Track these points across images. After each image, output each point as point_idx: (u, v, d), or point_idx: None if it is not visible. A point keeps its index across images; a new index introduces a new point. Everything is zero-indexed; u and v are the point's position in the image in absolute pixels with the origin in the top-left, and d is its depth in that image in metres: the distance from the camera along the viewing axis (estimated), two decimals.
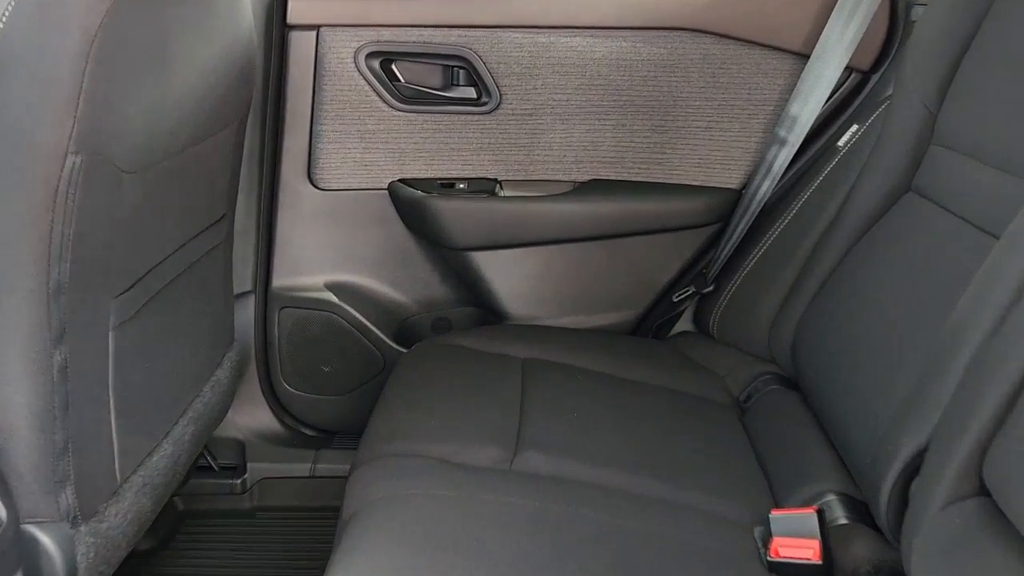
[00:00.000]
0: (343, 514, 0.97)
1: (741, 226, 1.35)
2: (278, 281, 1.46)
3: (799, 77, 1.32)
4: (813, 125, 1.28)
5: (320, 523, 1.45)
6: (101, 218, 0.85)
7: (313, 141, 1.40)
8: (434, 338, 1.34)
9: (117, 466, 0.97)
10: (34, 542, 0.88)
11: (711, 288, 1.39)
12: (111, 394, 0.94)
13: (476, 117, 1.39)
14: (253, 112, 1.34)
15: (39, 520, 0.88)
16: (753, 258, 1.32)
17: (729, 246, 1.36)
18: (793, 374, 1.26)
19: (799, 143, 1.28)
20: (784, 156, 1.29)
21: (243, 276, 1.44)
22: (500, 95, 1.37)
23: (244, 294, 1.45)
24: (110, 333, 0.92)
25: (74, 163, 0.78)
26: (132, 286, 0.96)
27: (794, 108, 1.28)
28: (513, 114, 1.38)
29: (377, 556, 0.84)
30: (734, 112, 1.38)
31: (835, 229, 1.21)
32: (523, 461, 1.03)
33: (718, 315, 1.37)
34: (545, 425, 1.11)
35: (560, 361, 1.30)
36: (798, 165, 1.33)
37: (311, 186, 1.42)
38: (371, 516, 0.91)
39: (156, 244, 1.01)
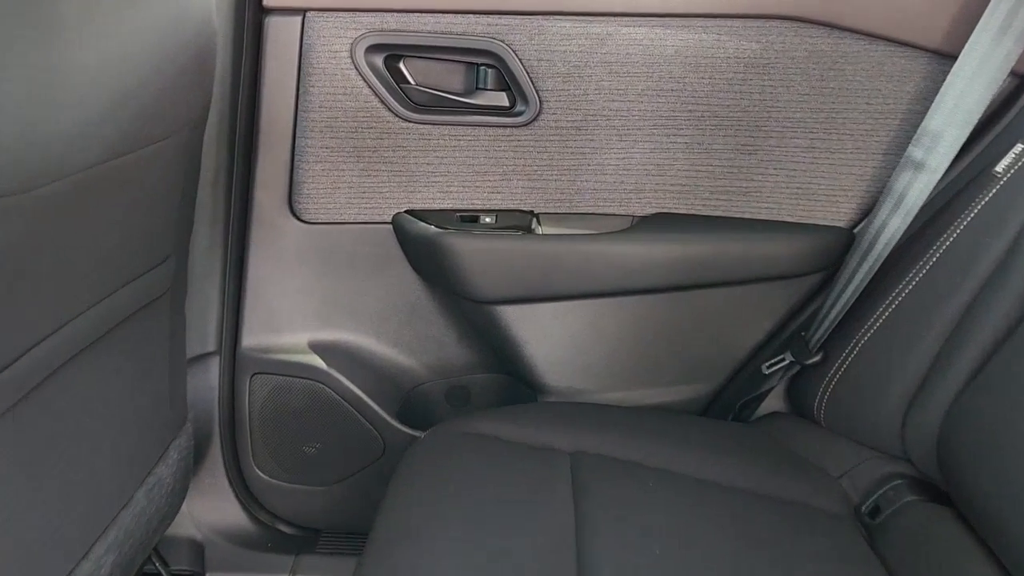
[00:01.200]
0: None
1: (859, 276, 1.01)
2: (250, 340, 1.14)
3: (941, 82, 0.99)
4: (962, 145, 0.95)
5: None
6: None
7: (296, 160, 1.08)
8: (452, 421, 1.01)
9: None
10: None
11: (817, 358, 1.05)
12: None
13: (508, 131, 1.07)
14: (217, 120, 1.03)
15: None
16: (879, 319, 0.99)
17: (841, 303, 1.03)
18: (940, 479, 0.92)
19: (943, 168, 0.95)
20: (921, 185, 0.96)
21: (204, 333, 1.12)
22: (540, 102, 1.05)
23: (205, 356, 1.13)
24: None
25: None
26: (8, 364, 0.63)
27: (935, 123, 0.95)
28: (556, 127, 1.06)
29: None
30: (848, 127, 1.05)
31: (999, 282, 0.88)
32: None
33: (827, 394, 1.03)
34: (613, 556, 0.78)
35: (619, 456, 0.96)
36: (939, 196, 0.99)
37: (293, 218, 1.10)
38: None
39: (50, 302, 0.68)
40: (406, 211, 1.10)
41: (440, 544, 0.79)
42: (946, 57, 1.00)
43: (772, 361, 1.10)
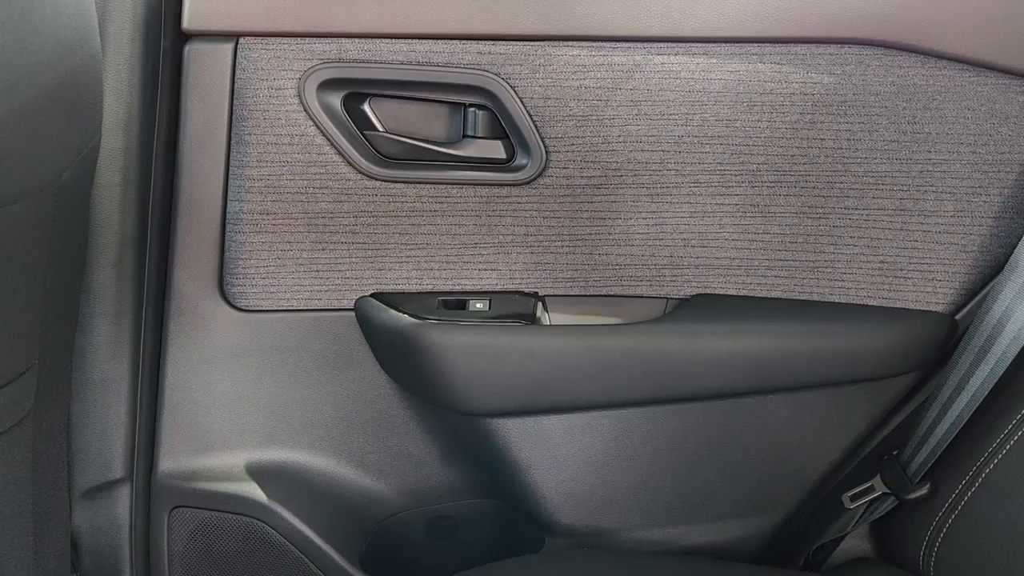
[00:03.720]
0: None
1: (975, 381, 0.76)
2: (168, 463, 0.88)
3: None
4: None
5: None
6: None
7: (228, 230, 0.83)
8: None
9: None
10: None
11: (923, 492, 0.79)
12: None
13: (505, 190, 0.83)
14: (121, 179, 0.79)
15: None
16: (1009, 439, 0.73)
17: (952, 416, 0.77)
18: None
19: None
20: None
21: (109, 455, 0.86)
22: (546, 153, 0.81)
23: (111, 484, 0.87)
24: None
25: None
26: None
27: None
28: (567, 185, 0.82)
29: None
30: (948, 182, 0.81)
31: None
32: None
33: (938, 540, 0.77)
34: None
35: None
36: None
37: (225, 304, 0.85)
38: None
39: None
40: (373, 295, 0.86)
41: None
42: None
43: (856, 491, 0.84)
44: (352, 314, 0.86)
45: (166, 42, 0.79)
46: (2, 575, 0.67)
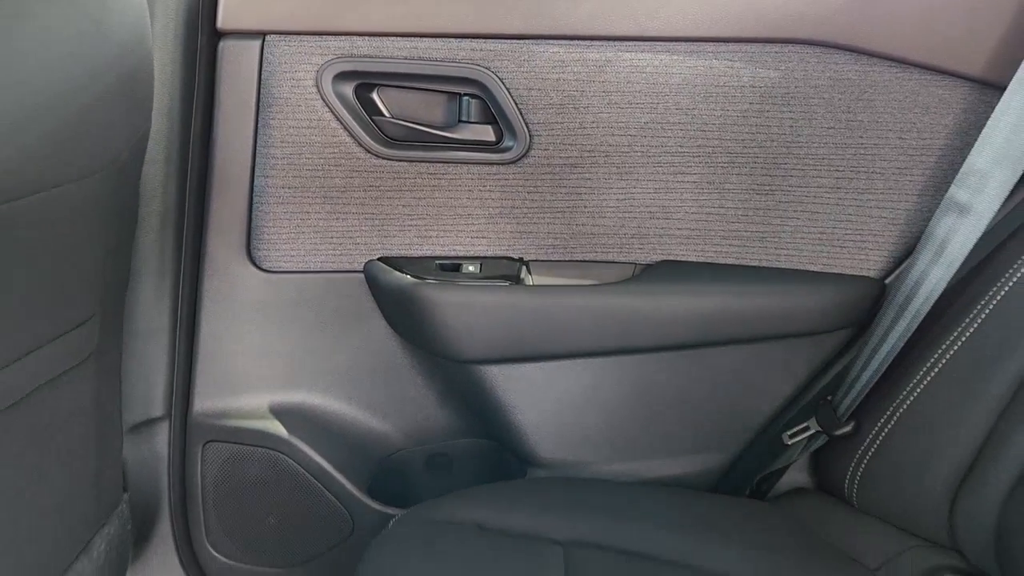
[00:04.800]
0: None
1: (894, 334, 0.88)
2: (203, 403, 1.01)
3: (984, 115, 0.87)
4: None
5: None
6: None
7: (255, 202, 0.95)
8: (426, 505, 0.88)
9: None
10: None
11: (847, 428, 0.92)
12: None
13: (494, 169, 0.95)
14: (164, 157, 0.91)
15: None
16: (919, 385, 0.86)
17: (874, 364, 0.90)
18: (998, 575, 0.79)
19: (991, 212, 0.82)
20: (967, 231, 0.84)
21: (150, 397, 0.99)
22: (530, 137, 0.93)
23: (152, 422, 0.99)
24: None
25: None
26: None
27: (982, 161, 0.83)
28: (548, 165, 0.94)
29: None
30: (879, 164, 0.93)
31: None
32: None
33: (861, 470, 0.90)
34: None
35: (621, 545, 0.82)
36: (985, 243, 0.87)
37: (251, 266, 0.98)
38: None
39: None
40: (379, 259, 0.98)
41: None
42: (991, 87, 0.88)
43: (795, 430, 0.97)
44: (361, 275, 0.99)
45: (203, 39, 0.91)
46: (71, 491, 0.80)
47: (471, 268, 0.98)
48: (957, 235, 0.84)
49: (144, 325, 0.96)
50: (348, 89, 0.92)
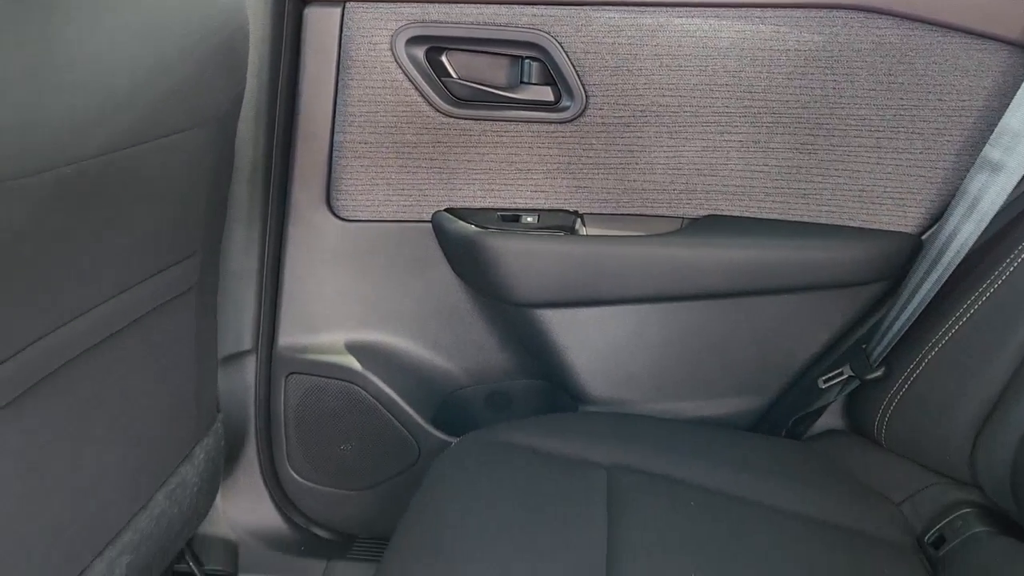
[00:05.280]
0: None
1: (926, 286, 0.94)
2: (286, 339, 1.11)
3: (1022, 78, 0.91)
4: None
5: None
6: None
7: (334, 156, 1.05)
8: (486, 430, 0.97)
9: None
10: None
11: (878, 373, 0.98)
12: None
13: (552, 127, 1.02)
14: (254, 114, 1.01)
15: None
16: (947, 333, 0.91)
17: (906, 314, 0.95)
18: (1013, 510, 0.85)
19: (1022, 170, 0.87)
20: (998, 188, 0.88)
21: (240, 332, 1.10)
22: (586, 97, 1.00)
23: (241, 355, 1.11)
24: None
25: None
26: (10, 356, 0.61)
27: (1015, 121, 0.87)
28: (603, 123, 1.01)
29: None
30: (918, 125, 0.98)
31: None
32: None
33: (889, 413, 0.96)
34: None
35: (661, 472, 0.91)
36: (1017, 201, 0.91)
37: (331, 215, 1.08)
38: None
39: (59, 292, 0.66)
40: (446, 209, 1.07)
41: (461, 563, 0.75)
42: None
43: (829, 375, 1.03)
44: (429, 225, 1.08)
45: (290, 6, 1.00)
46: (176, 405, 0.92)
47: (530, 219, 1.06)
48: (989, 192, 0.89)
49: (236, 267, 1.07)
50: (419, 52, 1.01)
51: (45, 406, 0.67)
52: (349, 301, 1.11)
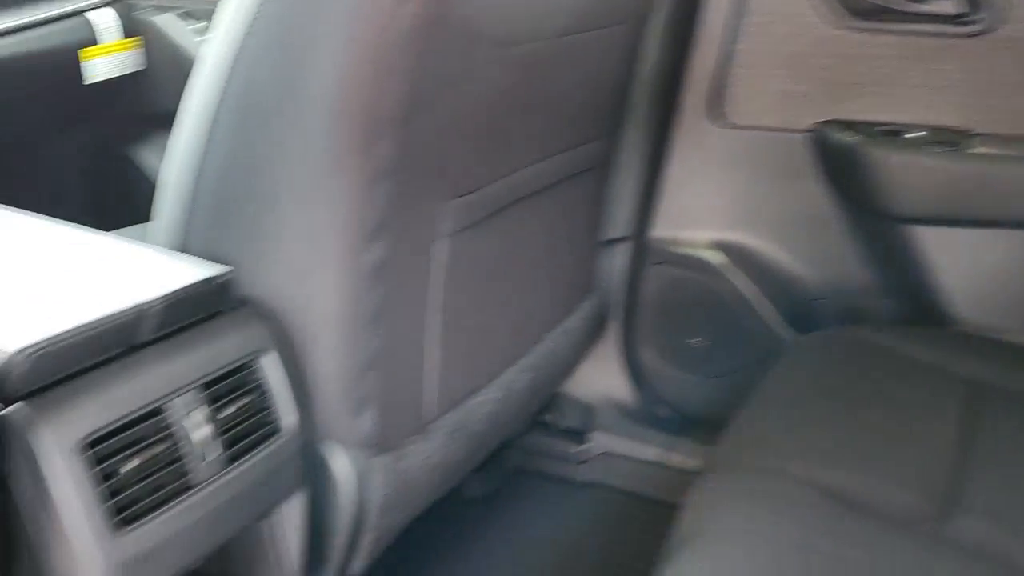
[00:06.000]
0: (677, 529, 0.72)
1: None
2: (657, 231, 1.23)
3: None
4: None
5: (658, 519, 1.22)
6: (444, 88, 0.69)
7: (724, 63, 1.13)
8: (843, 329, 1.02)
9: (429, 399, 0.83)
10: (324, 465, 0.76)
11: None
12: (431, 314, 0.79)
13: (952, 42, 1.01)
14: (660, 19, 1.11)
15: (333, 440, 0.76)
16: None
17: None
18: None
19: None
20: None
21: (617, 220, 1.23)
22: (1000, 10, 0.97)
23: (615, 241, 1.25)
24: (437, 241, 0.77)
25: (414, 13, 0.62)
26: (473, 191, 0.79)
27: None
28: (1013, 40, 0.98)
29: None
30: None
31: None
32: (959, 528, 0.69)
33: None
34: (999, 486, 0.74)
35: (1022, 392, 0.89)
36: None
37: (713, 120, 1.16)
38: (704, 550, 0.64)
39: (508, 148, 0.83)
40: (829, 121, 1.10)
41: (797, 453, 0.79)
42: None
43: None
44: (808, 135, 1.12)
45: None
46: (571, 264, 1.07)
47: (914, 135, 1.06)
48: None
49: (623, 159, 1.19)
50: None
51: (492, 235, 0.85)
52: (720, 202, 1.20)
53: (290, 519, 0.73)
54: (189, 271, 0.67)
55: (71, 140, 1.34)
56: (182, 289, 0.64)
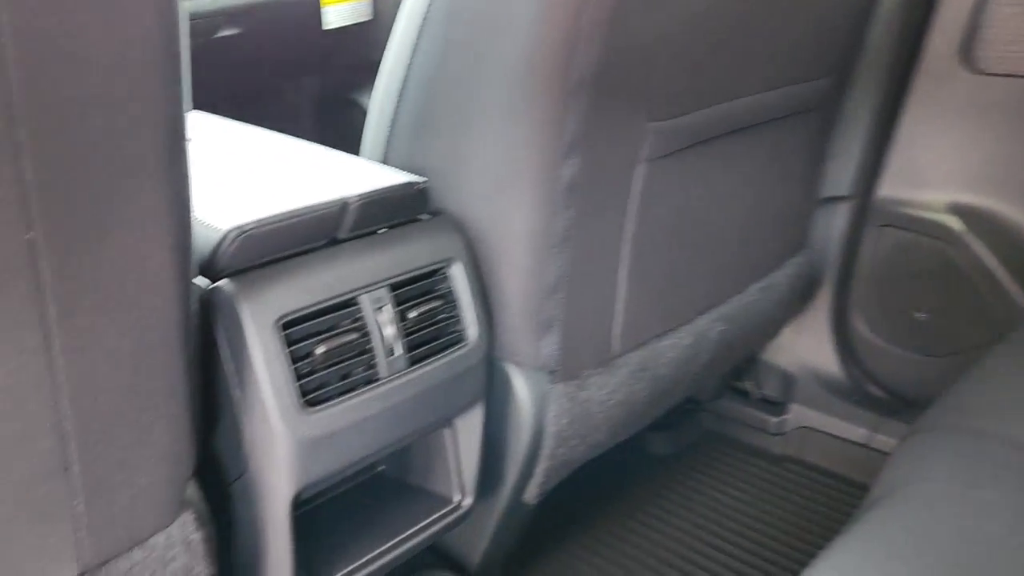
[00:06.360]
0: (878, 482, 0.66)
1: None
2: (885, 190, 1.13)
3: None
4: None
5: (855, 502, 1.13)
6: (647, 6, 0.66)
7: (983, 3, 1.00)
8: None
9: (615, 334, 0.81)
10: (505, 384, 0.77)
11: None
12: (622, 243, 0.77)
13: None
14: None
15: (515, 362, 0.76)
16: None
17: None
18: None
19: None
20: None
21: (840, 176, 1.14)
22: None
23: (835, 199, 1.15)
24: (638, 166, 0.74)
25: None
26: (675, 116, 0.76)
27: None
28: None
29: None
30: None
31: None
32: None
33: None
34: None
35: None
36: None
37: (965, 67, 1.04)
38: (894, 508, 0.58)
39: (718, 74, 0.78)
40: None
41: (1012, 418, 0.70)
42: None
43: None
44: None
45: None
46: (776, 217, 1.00)
47: None
48: None
49: (849, 110, 1.09)
50: None
51: (694, 166, 0.80)
52: (963, 160, 1.07)
53: (469, 433, 0.74)
54: (390, 177, 0.69)
55: (307, 88, 1.44)
56: (381, 190, 0.66)
